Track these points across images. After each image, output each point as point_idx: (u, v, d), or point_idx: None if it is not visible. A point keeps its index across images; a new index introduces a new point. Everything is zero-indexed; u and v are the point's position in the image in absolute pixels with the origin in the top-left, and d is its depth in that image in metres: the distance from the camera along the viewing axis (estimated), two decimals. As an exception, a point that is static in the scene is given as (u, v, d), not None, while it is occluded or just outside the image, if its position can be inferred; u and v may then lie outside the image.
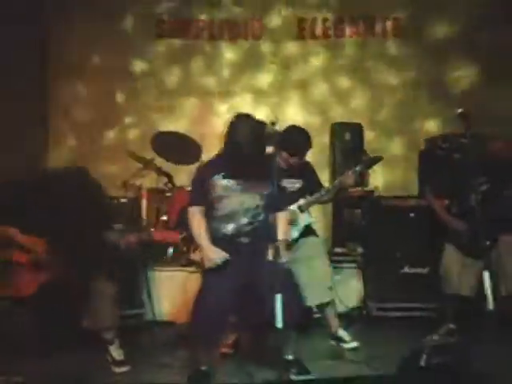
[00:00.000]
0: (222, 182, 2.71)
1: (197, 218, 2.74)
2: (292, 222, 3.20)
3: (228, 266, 2.64)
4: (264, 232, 2.69)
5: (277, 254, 2.57)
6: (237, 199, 2.70)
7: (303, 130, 3.30)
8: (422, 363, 2.15)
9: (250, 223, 2.70)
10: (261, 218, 2.72)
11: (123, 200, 3.97)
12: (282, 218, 2.76)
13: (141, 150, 4.56)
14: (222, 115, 5.16)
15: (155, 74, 5.38)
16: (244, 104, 5.26)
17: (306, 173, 3.34)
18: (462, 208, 3.13)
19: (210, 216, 2.75)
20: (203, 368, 2.71)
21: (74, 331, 2.88)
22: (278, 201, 2.72)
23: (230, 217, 2.71)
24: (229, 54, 5.39)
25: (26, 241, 2.73)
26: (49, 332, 3.09)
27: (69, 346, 3.03)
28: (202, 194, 2.76)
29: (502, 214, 3.01)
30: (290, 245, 3.16)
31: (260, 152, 2.68)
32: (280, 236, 2.67)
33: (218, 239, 2.69)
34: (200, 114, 5.36)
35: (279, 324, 2.32)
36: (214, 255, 2.64)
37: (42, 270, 2.74)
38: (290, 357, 2.75)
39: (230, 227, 2.71)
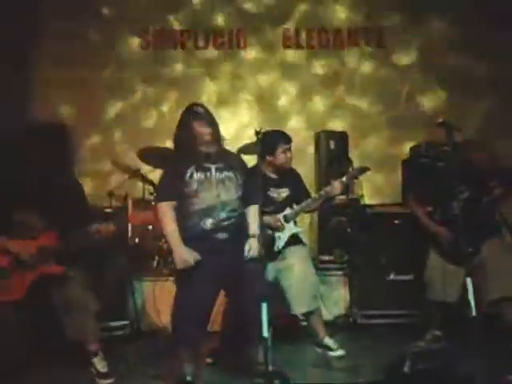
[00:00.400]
0: (196, 175, 2.64)
1: (169, 216, 2.61)
2: (277, 231, 3.22)
3: (202, 265, 2.56)
4: (242, 228, 2.66)
5: (250, 249, 2.61)
6: (212, 192, 2.62)
7: (277, 129, 3.35)
8: (406, 369, 2.16)
9: (227, 218, 2.62)
10: (237, 213, 2.66)
11: (108, 210, 3.94)
12: (252, 212, 2.68)
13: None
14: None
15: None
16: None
17: (293, 181, 3.36)
18: (445, 215, 3.17)
19: (186, 211, 2.64)
20: (188, 378, 2.65)
21: (58, 342, 2.84)
22: (251, 194, 2.67)
23: (207, 211, 2.61)
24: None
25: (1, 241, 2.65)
26: (34, 342, 3.05)
27: (53, 358, 3.00)
28: (173, 188, 2.64)
29: (482, 221, 3.05)
30: (274, 252, 3.18)
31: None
32: (251, 230, 2.64)
33: (195, 236, 2.60)
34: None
35: (265, 333, 2.32)
36: (186, 256, 2.55)
37: (27, 271, 2.69)
38: (271, 367, 2.61)
39: (208, 222, 2.61)
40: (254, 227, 2.64)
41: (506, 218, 3.30)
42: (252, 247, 2.62)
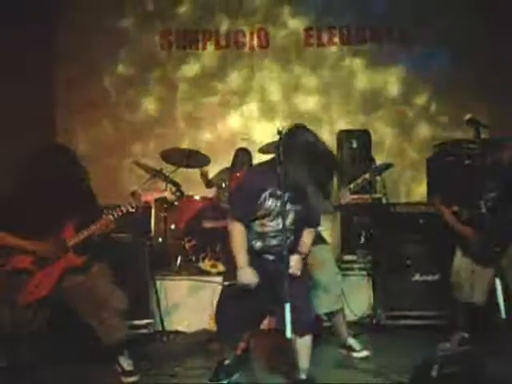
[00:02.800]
0: (268, 202, 2.58)
1: (241, 235, 2.61)
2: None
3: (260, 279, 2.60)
4: (290, 252, 2.60)
5: (296, 265, 2.62)
6: (275, 220, 2.60)
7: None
8: (434, 373, 2.12)
9: (277, 245, 2.63)
10: (289, 240, 2.60)
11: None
12: (307, 233, 2.72)
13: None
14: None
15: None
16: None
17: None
18: (472, 215, 3.10)
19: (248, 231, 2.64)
20: (227, 362, 2.79)
21: (85, 340, 2.88)
22: (312, 217, 2.69)
23: (261, 235, 2.64)
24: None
25: (19, 242, 2.70)
26: (60, 340, 3.11)
27: (79, 355, 3.04)
28: (250, 207, 2.59)
29: (511, 221, 2.97)
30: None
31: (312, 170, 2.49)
32: (300, 248, 2.67)
33: (254, 252, 2.64)
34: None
35: (288, 334, 2.31)
36: (250, 278, 2.57)
37: (50, 268, 2.74)
38: (303, 376, 2.66)
39: (257, 244, 2.66)
40: (301, 245, 2.68)
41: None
42: (294, 264, 2.61)
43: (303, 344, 2.61)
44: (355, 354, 3.16)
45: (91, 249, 2.79)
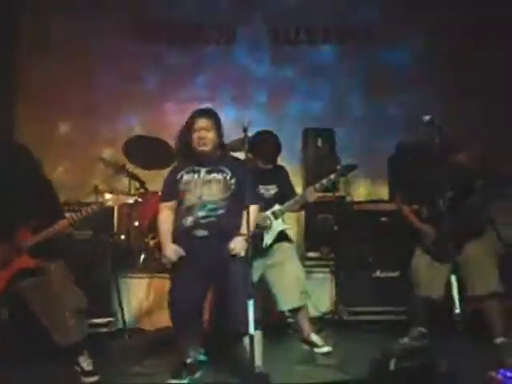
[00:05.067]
0: (185, 177, 2.80)
1: (163, 214, 2.83)
2: (265, 228, 3.22)
3: (187, 261, 2.70)
4: (223, 226, 2.71)
5: (235, 247, 2.66)
6: (195, 193, 2.75)
7: (273, 135, 3.33)
8: (392, 367, 2.18)
9: (206, 216, 2.70)
10: (219, 212, 2.71)
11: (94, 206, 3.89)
12: (250, 211, 2.67)
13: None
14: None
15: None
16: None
17: (280, 178, 3.36)
18: (431, 213, 3.19)
19: (177, 211, 2.81)
20: (188, 360, 2.77)
21: (44, 341, 2.81)
22: (248, 195, 2.68)
23: (189, 210, 2.74)
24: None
25: None
26: (15, 341, 3.02)
27: (36, 356, 2.96)
28: (171, 190, 2.84)
29: (467, 220, 3.08)
30: (262, 248, 3.18)
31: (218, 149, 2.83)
32: (243, 230, 2.65)
33: (179, 233, 2.75)
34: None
35: (252, 330, 2.32)
36: (169, 252, 2.71)
37: (1, 270, 2.65)
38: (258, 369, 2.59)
39: (188, 220, 2.73)
40: (244, 227, 2.64)
41: (491, 217, 3.34)
42: (237, 246, 2.67)
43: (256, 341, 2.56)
44: (317, 350, 3.20)
45: (49, 248, 2.71)
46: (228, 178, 2.78)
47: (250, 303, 2.35)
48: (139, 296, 3.90)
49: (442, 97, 4.98)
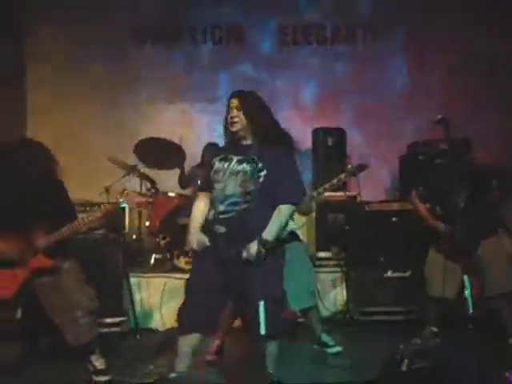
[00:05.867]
0: (216, 165, 2.52)
1: (196, 203, 2.60)
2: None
3: (208, 253, 2.46)
4: (245, 223, 2.39)
5: (250, 250, 2.36)
6: (221, 183, 2.47)
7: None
8: (404, 368, 2.16)
9: (225, 211, 2.42)
10: (241, 207, 2.40)
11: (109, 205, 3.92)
12: (278, 212, 2.42)
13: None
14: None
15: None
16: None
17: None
18: (445, 212, 3.17)
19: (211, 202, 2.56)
20: (172, 375, 2.50)
21: (55, 339, 2.83)
22: (285, 192, 2.43)
23: (213, 203, 2.50)
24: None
25: None
26: (29, 339, 3.05)
27: (50, 354, 2.99)
28: (206, 178, 2.60)
29: (481, 220, 3.05)
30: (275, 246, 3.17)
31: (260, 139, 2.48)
32: (265, 233, 2.38)
33: (206, 226, 2.52)
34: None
35: (263, 331, 2.32)
36: (191, 238, 2.51)
37: (17, 269, 2.68)
38: (272, 374, 2.51)
39: (210, 213, 2.50)
40: (267, 229, 2.39)
41: (504, 216, 3.30)
42: (251, 250, 2.37)
43: (272, 348, 2.48)
44: (328, 350, 3.19)
45: (63, 248, 2.73)
46: (257, 169, 2.42)
47: (262, 304, 2.34)
48: (150, 296, 3.91)
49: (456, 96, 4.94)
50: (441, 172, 3.18)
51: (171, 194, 4.44)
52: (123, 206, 2.79)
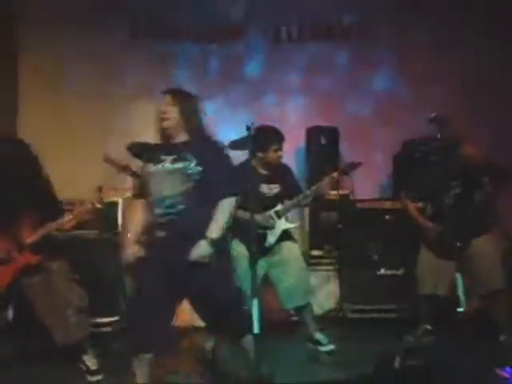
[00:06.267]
0: (152, 168, 2.39)
1: (131, 212, 2.48)
2: (268, 227, 3.21)
3: (149, 264, 2.32)
4: (184, 225, 2.27)
5: (198, 252, 2.24)
6: (157, 186, 2.34)
7: (271, 126, 3.32)
8: (397, 365, 2.18)
9: (164, 214, 2.30)
10: (179, 208, 2.27)
11: (98, 205, 3.90)
12: (221, 208, 2.31)
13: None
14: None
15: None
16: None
17: (284, 177, 3.35)
18: (436, 210, 3.19)
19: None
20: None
21: (46, 339, 2.82)
22: (226, 185, 2.34)
23: (150, 207, 2.37)
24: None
25: None
26: (20, 340, 3.03)
27: (41, 354, 2.98)
28: (139, 184, 2.47)
29: (473, 217, 3.07)
30: (265, 247, 3.17)
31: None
32: (209, 232, 2.26)
33: (144, 233, 2.41)
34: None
35: (256, 329, 2.32)
36: (126, 251, 2.38)
37: (4, 267, 2.66)
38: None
39: (149, 219, 2.38)
40: (212, 227, 2.27)
41: (497, 213, 3.32)
42: (199, 251, 2.24)
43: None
44: (321, 348, 3.20)
45: (52, 246, 2.72)
46: (191, 166, 2.32)
47: (255, 302, 2.34)
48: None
49: (448, 95, 4.95)
50: (432, 170, 3.19)
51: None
52: (111, 201, 2.75)
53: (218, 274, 2.30)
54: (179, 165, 2.33)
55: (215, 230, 2.27)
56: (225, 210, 2.32)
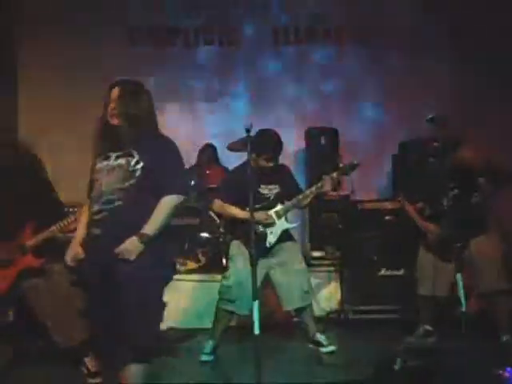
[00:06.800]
0: (98, 165, 2.25)
1: (81, 214, 2.34)
2: (267, 227, 3.21)
3: (84, 265, 2.18)
4: (120, 222, 2.12)
5: (122, 250, 2.07)
6: (97, 183, 2.20)
7: (274, 133, 3.31)
8: (397, 366, 2.17)
9: (100, 211, 2.14)
10: (115, 204, 2.12)
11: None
12: (160, 205, 2.15)
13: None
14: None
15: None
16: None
17: (284, 177, 3.35)
18: (435, 211, 3.18)
19: None
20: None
21: (48, 342, 2.82)
22: (169, 183, 2.18)
23: (91, 204, 2.23)
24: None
25: None
26: (20, 342, 3.03)
27: (43, 357, 2.97)
28: (90, 182, 2.29)
29: (472, 218, 3.07)
30: (265, 248, 3.17)
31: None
32: (145, 228, 2.10)
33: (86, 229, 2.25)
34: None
35: (256, 330, 2.31)
36: (67, 254, 2.23)
37: (6, 270, 2.67)
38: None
39: (88, 216, 2.24)
40: (148, 224, 2.11)
41: (495, 214, 3.32)
42: (126, 245, 2.07)
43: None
44: (322, 349, 3.20)
45: (54, 248, 2.72)
46: (133, 162, 2.17)
47: (256, 304, 2.34)
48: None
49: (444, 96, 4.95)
50: (430, 171, 3.19)
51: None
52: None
53: (138, 278, 2.05)
54: (122, 161, 2.20)
55: (150, 227, 2.11)
56: (165, 207, 2.16)
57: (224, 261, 3.49)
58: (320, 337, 3.24)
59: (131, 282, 2.04)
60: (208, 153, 4.81)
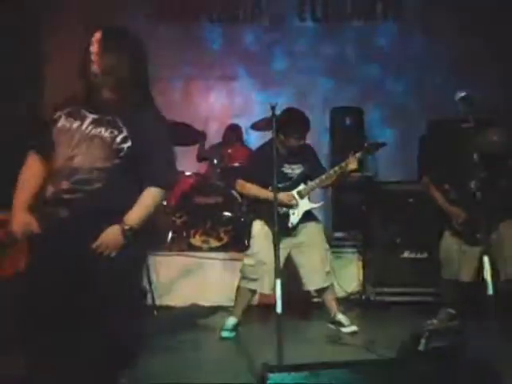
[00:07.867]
0: (62, 121, 1.87)
1: (26, 169, 1.93)
2: (291, 207, 3.20)
3: (44, 244, 1.84)
4: (95, 207, 1.80)
5: (102, 243, 1.79)
6: (67, 150, 1.82)
7: (300, 111, 3.27)
8: (421, 347, 2.16)
9: (70, 190, 1.80)
10: (93, 186, 1.80)
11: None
12: (144, 196, 1.86)
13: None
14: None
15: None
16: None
17: (307, 157, 3.32)
18: (461, 195, 3.12)
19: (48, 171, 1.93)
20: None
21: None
22: (156, 172, 1.87)
23: (54, 175, 1.86)
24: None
25: None
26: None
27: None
28: (43, 135, 1.89)
29: (500, 201, 2.99)
30: (288, 228, 3.16)
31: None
32: (128, 218, 1.82)
33: (40, 204, 1.90)
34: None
35: (278, 309, 2.33)
36: (16, 222, 1.86)
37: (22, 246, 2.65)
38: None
39: (49, 190, 1.85)
40: (131, 213, 1.82)
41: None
42: (105, 241, 1.79)
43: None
44: (343, 329, 3.20)
45: None
46: (119, 139, 1.82)
47: (278, 282, 2.35)
48: (166, 273, 3.95)
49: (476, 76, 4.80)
50: (459, 152, 3.11)
51: (187, 173, 4.44)
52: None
53: (118, 277, 1.80)
54: (103, 131, 1.82)
55: (134, 217, 1.83)
56: (149, 201, 1.87)
57: (246, 240, 3.50)
58: (341, 317, 3.24)
59: (109, 282, 1.77)
60: (234, 132, 4.80)
